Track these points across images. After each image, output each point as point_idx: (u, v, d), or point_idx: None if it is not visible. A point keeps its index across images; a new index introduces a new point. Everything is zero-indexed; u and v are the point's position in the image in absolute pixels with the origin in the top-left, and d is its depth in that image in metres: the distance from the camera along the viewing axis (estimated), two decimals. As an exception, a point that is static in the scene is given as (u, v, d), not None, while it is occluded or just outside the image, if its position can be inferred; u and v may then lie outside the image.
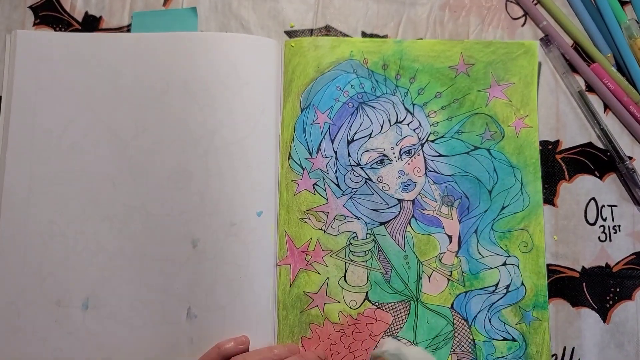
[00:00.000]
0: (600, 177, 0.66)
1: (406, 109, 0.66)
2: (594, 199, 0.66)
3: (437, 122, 0.66)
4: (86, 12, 0.69)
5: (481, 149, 0.65)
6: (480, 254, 0.64)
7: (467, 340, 0.62)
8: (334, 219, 0.64)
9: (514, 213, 0.64)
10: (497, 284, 0.63)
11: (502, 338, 0.62)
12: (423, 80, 0.66)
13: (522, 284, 0.63)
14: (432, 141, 0.66)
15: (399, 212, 0.64)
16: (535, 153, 0.65)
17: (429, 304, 0.63)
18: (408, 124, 0.66)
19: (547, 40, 0.68)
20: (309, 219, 0.64)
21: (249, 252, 0.62)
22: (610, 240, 0.65)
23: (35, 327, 0.61)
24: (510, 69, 0.66)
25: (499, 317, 0.63)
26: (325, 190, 0.64)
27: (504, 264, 0.64)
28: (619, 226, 0.65)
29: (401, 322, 0.62)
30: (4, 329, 0.61)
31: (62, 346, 0.61)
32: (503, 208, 0.64)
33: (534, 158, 0.65)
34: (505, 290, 0.63)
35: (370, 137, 0.65)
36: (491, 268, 0.64)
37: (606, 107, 0.68)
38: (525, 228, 0.64)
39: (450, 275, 0.63)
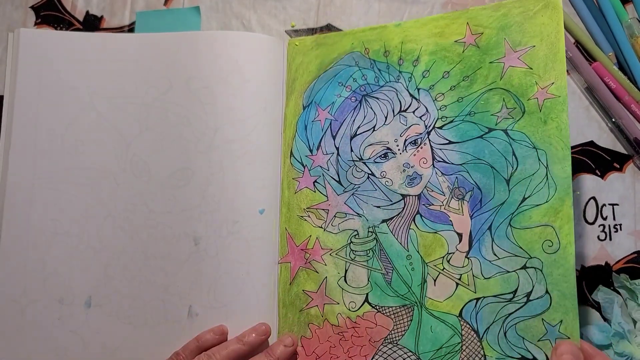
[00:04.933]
0: (602, 176, 0.61)
1: (411, 95, 0.57)
2: (593, 198, 0.62)
3: (446, 106, 0.55)
4: (87, 12, 0.66)
5: (496, 130, 0.53)
6: (495, 254, 0.52)
7: (476, 355, 0.51)
8: (334, 216, 0.57)
9: (537, 205, 0.51)
10: (515, 291, 0.51)
11: (520, 356, 0.50)
12: (427, 61, 0.57)
13: (547, 292, 0.50)
14: (440, 127, 0.55)
15: (403, 208, 0.56)
16: (564, 128, 0.51)
17: (434, 310, 0.53)
18: (413, 112, 0.57)
19: None
20: (308, 216, 0.58)
21: (251, 249, 0.59)
22: (611, 239, 0.61)
23: (38, 325, 0.59)
24: (528, 30, 0.53)
25: (517, 331, 0.50)
26: (325, 188, 0.58)
27: (524, 267, 0.51)
28: (620, 225, 0.61)
29: (403, 329, 0.53)
30: (7, 327, 0.58)
31: (65, 344, 0.58)
32: (524, 199, 0.51)
33: (562, 135, 0.51)
34: (525, 299, 0.51)
35: (374, 130, 0.57)
36: (508, 272, 0.51)
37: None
38: (550, 223, 0.50)
39: (459, 279, 0.52)
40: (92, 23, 0.66)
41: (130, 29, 0.66)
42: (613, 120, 0.62)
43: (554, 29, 0.52)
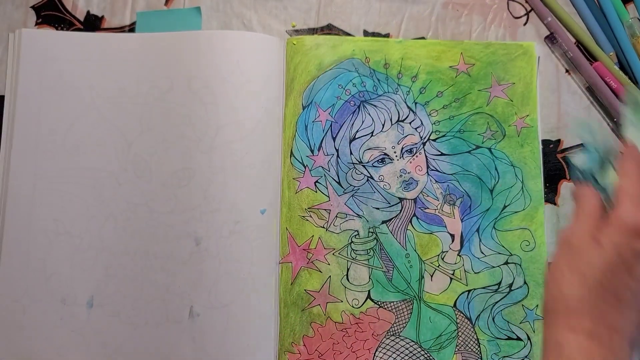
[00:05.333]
0: None
1: (408, 107, 0.66)
2: (594, 197, 0.65)
3: (439, 121, 0.66)
4: (88, 12, 0.69)
5: (482, 148, 0.66)
6: (482, 252, 0.64)
7: (471, 340, 0.62)
8: (336, 216, 0.64)
9: (515, 212, 0.64)
10: (499, 283, 0.63)
11: (506, 337, 0.62)
12: (425, 80, 0.66)
13: (525, 282, 0.63)
14: (434, 140, 0.66)
15: (400, 210, 0.64)
16: (536, 152, 0.65)
17: (432, 303, 0.63)
18: (410, 123, 0.66)
19: (552, 38, 0.68)
20: (310, 216, 0.64)
21: (252, 249, 0.62)
22: None
23: (40, 325, 0.61)
24: (509, 70, 0.67)
25: (503, 316, 0.63)
26: (326, 188, 0.64)
27: (506, 263, 0.64)
28: None
29: (404, 321, 0.62)
30: (9, 326, 0.61)
31: (67, 344, 0.61)
32: (504, 207, 0.64)
33: (534, 157, 0.65)
34: (508, 289, 0.63)
35: (372, 136, 0.65)
36: (493, 267, 0.63)
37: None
38: (526, 227, 0.64)
39: (453, 274, 0.63)
40: (92, 23, 0.68)
41: (131, 29, 0.68)
42: (614, 120, 0.65)
43: (529, 72, 0.66)
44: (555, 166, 0.66)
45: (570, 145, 0.66)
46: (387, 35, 0.68)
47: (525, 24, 0.69)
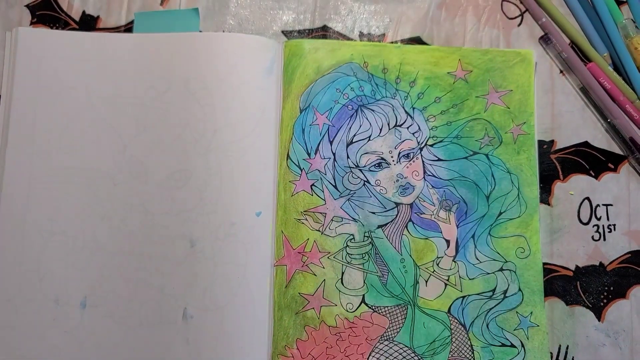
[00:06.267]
0: (596, 177, 0.66)
1: (406, 112, 0.66)
2: (587, 198, 0.66)
3: (436, 127, 0.66)
4: (83, 12, 0.69)
5: (480, 154, 0.66)
6: (477, 259, 0.64)
7: (465, 346, 0.62)
8: (332, 220, 0.64)
9: (511, 219, 0.64)
10: (494, 290, 0.64)
11: (500, 344, 0.63)
12: (423, 85, 0.67)
13: (520, 289, 0.63)
14: (431, 145, 0.66)
15: (396, 215, 0.64)
16: (532, 160, 0.66)
17: (426, 308, 0.63)
18: (407, 128, 0.66)
19: (547, 39, 0.68)
20: (306, 219, 0.64)
21: (247, 252, 0.62)
22: (605, 239, 0.65)
23: (33, 325, 0.61)
24: (507, 77, 0.67)
25: (497, 323, 0.63)
26: (322, 192, 0.64)
27: (501, 270, 0.64)
28: (614, 225, 0.66)
29: (398, 326, 0.63)
30: (1, 327, 0.61)
31: (60, 344, 0.61)
32: (500, 214, 0.64)
33: (531, 164, 0.65)
34: (502, 296, 0.63)
35: (369, 140, 0.65)
36: (488, 273, 0.64)
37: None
38: (522, 234, 0.64)
39: (448, 280, 0.64)
40: (88, 23, 0.68)
41: (127, 29, 0.68)
42: (608, 120, 0.66)
43: (527, 80, 0.66)
44: (549, 167, 0.66)
45: (564, 145, 0.66)
46: (382, 36, 0.69)
47: (519, 24, 0.69)
